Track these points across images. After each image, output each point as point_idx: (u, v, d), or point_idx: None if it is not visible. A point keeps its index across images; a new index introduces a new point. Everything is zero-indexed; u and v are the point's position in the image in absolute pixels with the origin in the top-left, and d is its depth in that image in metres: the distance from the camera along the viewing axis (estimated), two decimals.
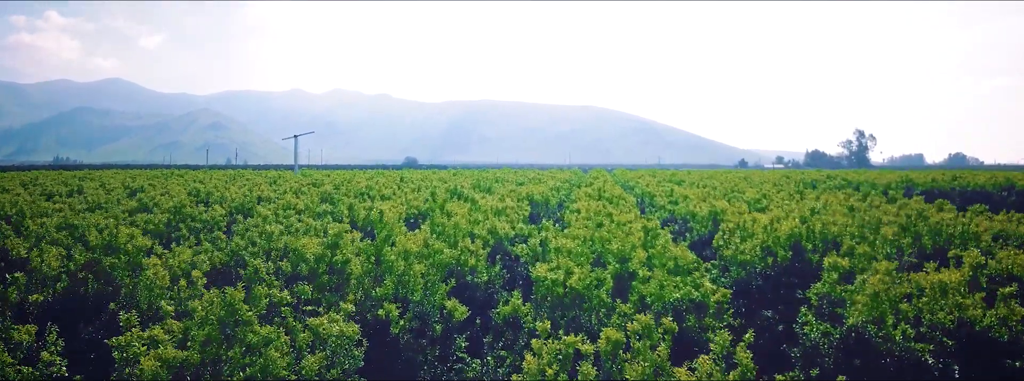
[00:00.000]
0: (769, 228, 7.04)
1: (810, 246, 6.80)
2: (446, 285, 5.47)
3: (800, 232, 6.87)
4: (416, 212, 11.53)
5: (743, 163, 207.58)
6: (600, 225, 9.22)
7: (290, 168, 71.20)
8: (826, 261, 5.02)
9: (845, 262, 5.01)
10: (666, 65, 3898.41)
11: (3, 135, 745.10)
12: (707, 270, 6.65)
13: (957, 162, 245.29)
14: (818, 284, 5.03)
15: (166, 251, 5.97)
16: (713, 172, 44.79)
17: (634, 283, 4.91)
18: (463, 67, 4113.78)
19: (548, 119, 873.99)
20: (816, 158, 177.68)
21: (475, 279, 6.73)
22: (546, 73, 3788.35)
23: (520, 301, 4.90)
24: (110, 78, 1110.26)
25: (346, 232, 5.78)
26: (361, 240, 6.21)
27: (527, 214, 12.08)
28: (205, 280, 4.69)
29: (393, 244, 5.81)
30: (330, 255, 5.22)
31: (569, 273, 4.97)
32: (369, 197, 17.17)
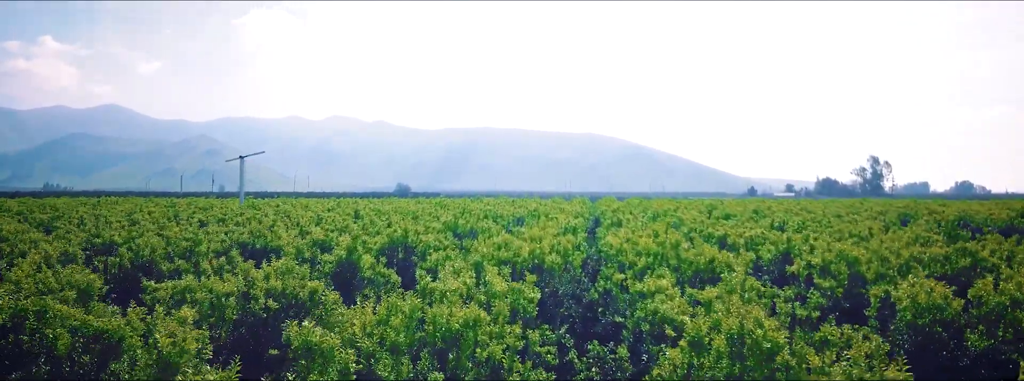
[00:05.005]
0: None
1: None
2: None
3: None
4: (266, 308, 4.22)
5: (752, 191, 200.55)
6: None
7: (268, 195, 64.26)
8: None
9: None
10: (663, 92, 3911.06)
11: None
12: None
13: (965, 191, 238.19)
14: None
15: None
16: (757, 202, 37.71)
17: None
18: (461, 94, 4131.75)
19: (546, 146, 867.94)
20: (827, 186, 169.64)
21: None
22: (544, 100, 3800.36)
23: None
24: (106, 104, 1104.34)
25: None
26: None
27: (533, 303, 4.78)
28: None
29: None
30: None
31: None
32: (248, 252, 9.83)
